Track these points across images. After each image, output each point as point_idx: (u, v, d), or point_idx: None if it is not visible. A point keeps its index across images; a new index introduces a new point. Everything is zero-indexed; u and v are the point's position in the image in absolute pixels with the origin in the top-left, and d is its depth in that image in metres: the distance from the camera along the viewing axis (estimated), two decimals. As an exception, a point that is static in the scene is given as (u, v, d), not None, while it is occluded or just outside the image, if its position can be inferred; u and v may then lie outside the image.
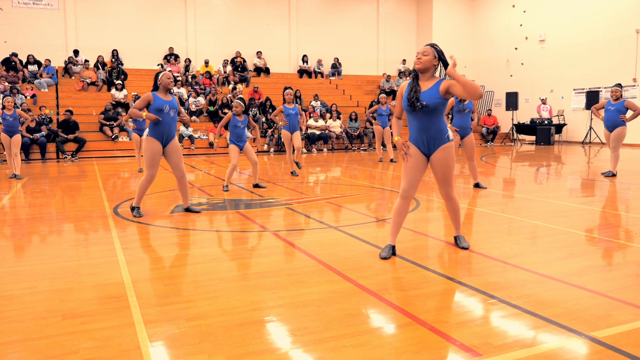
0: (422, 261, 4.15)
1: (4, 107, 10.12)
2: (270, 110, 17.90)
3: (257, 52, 21.43)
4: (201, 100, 18.04)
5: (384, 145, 14.24)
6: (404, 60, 24.04)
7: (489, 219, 5.85)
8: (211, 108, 17.89)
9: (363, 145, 17.82)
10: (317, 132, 17.28)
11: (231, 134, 7.99)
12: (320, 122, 17.63)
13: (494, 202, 7.02)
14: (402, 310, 3.12)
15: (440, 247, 4.62)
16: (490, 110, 20.69)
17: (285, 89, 9.54)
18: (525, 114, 21.01)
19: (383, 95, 12.72)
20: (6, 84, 16.36)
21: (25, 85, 17.09)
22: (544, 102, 19.89)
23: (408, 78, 23.00)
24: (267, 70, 21.48)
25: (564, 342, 2.69)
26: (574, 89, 19.69)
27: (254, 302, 3.28)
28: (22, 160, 13.72)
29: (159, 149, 6.03)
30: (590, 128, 18.61)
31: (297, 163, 10.13)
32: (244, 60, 20.83)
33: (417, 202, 6.87)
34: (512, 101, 20.32)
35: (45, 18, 18.76)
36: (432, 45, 4.25)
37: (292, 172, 10.16)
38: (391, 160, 12.62)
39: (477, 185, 8.26)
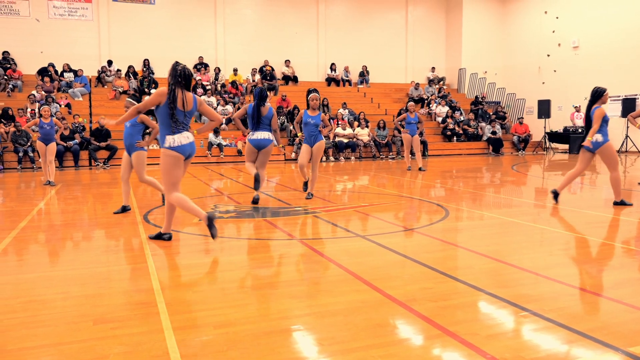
0: (451, 272, 4.10)
1: (41, 116, 10.43)
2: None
3: (286, 61, 21.61)
4: (229, 108, 18.25)
5: (412, 153, 14.14)
6: (433, 67, 23.89)
7: (520, 230, 5.74)
8: (239, 116, 18.11)
9: (391, 153, 17.74)
10: (345, 141, 17.29)
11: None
12: (348, 130, 17.63)
13: (526, 212, 6.89)
14: (431, 321, 3.09)
15: (470, 258, 4.56)
16: (522, 118, 20.37)
17: (310, 92, 7.68)
18: (558, 122, 20.61)
19: (412, 103, 12.67)
20: (42, 92, 16.87)
21: (60, 94, 17.59)
22: (577, 109, 19.48)
23: (437, 86, 22.85)
24: (295, 79, 21.62)
25: (600, 357, 2.62)
26: (609, 97, 19.23)
27: (281, 311, 3.29)
28: (56, 167, 14.09)
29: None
30: (627, 136, 18.13)
31: (305, 185, 8.17)
32: (272, 69, 21.02)
33: (447, 212, 6.80)
34: (544, 109, 19.96)
35: (80, 29, 19.31)
36: None
37: (304, 189, 8.26)
38: (420, 169, 12.53)
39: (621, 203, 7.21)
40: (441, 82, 23.33)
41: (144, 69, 19.51)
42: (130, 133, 6.93)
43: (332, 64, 22.24)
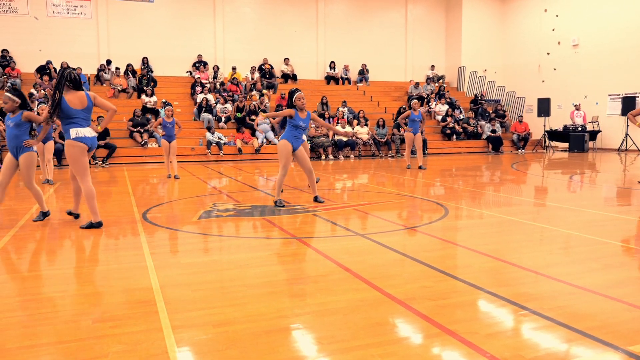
0: (451, 270, 4.10)
1: (38, 114, 10.42)
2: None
3: (285, 59, 21.60)
4: (228, 107, 18.24)
5: (413, 152, 14.13)
6: (433, 66, 23.90)
7: (520, 228, 5.74)
8: (238, 115, 18.06)
9: (390, 152, 17.74)
10: (344, 139, 17.29)
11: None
12: (348, 129, 17.62)
13: (525, 210, 6.89)
14: (430, 320, 3.09)
15: (470, 256, 4.56)
16: (521, 116, 20.38)
17: (293, 92, 7.24)
18: (558, 121, 20.62)
19: (415, 100, 12.62)
20: (42, 91, 16.85)
21: (59, 93, 17.56)
22: (577, 108, 19.49)
23: (437, 84, 22.85)
24: (294, 77, 21.61)
25: (600, 357, 2.62)
26: (609, 95, 19.24)
27: (280, 310, 3.29)
28: (54, 166, 14.08)
29: None
30: (627, 135, 18.14)
31: (316, 197, 7.59)
32: (272, 67, 21.01)
33: (446, 210, 6.80)
34: (544, 107, 19.97)
35: (79, 27, 19.29)
36: None
37: (315, 198, 7.65)
38: (420, 168, 12.52)
39: None
40: (440, 81, 23.32)
41: (143, 67, 19.51)
42: (15, 134, 6.06)
43: (332, 62, 22.23)
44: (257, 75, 20.55)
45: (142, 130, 16.25)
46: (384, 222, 6.14)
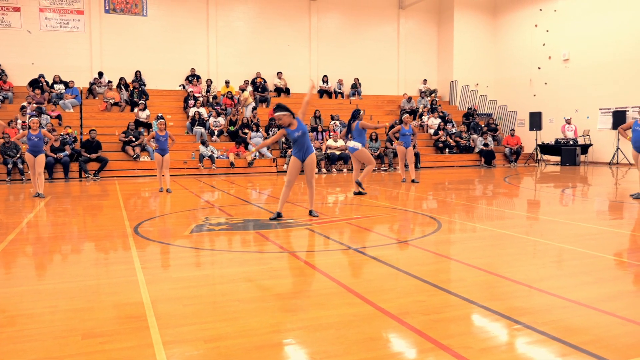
0: (444, 284, 4.09)
1: (29, 127, 10.38)
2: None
3: (278, 73, 21.69)
4: (221, 120, 18.26)
5: (406, 165, 14.18)
6: (425, 80, 24.07)
7: (513, 242, 5.75)
8: (231, 128, 18.09)
9: (383, 165, 17.78)
10: (337, 152, 17.32)
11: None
12: (340, 142, 17.67)
13: (518, 224, 6.91)
14: (424, 334, 3.07)
15: (463, 270, 4.55)
16: (513, 130, 20.53)
17: (276, 109, 7.26)
18: (549, 134, 20.78)
19: (407, 115, 12.73)
20: (34, 104, 16.80)
21: (51, 106, 17.51)
22: (568, 122, 19.66)
23: (429, 98, 23.02)
24: (287, 91, 21.68)
25: (594, 371, 2.61)
26: (600, 109, 19.43)
27: (273, 325, 3.26)
28: (45, 179, 14.00)
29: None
30: (618, 148, 18.30)
31: (311, 212, 7.55)
32: (265, 81, 21.08)
33: (439, 224, 6.81)
34: (535, 121, 20.13)
35: (72, 40, 19.29)
36: None
37: (310, 212, 7.67)
38: (412, 181, 12.56)
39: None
40: (433, 95, 23.49)
41: (135, 80, 19.49)
42: None
43: (324, 76, 22.34)
44: (250, 88, 20.60)
45: (134, 144, 16.21)
46: (378, 236, 6.14)
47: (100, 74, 19.20)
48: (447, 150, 19.61)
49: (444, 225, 6.76)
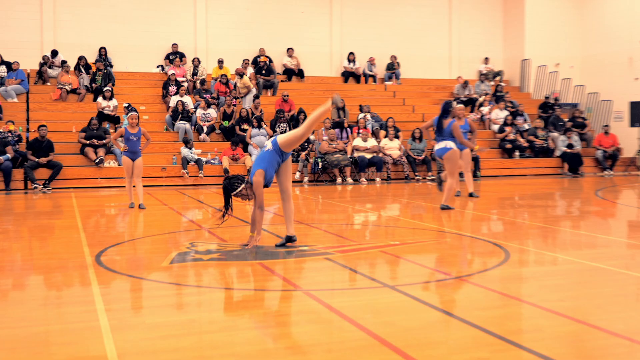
0: (514, 336, 4.04)
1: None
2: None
3: (288, 49, 21.78)
4: (212, 113, 18.35)
5: (460, 173, 14.09)
6: (487, 58, 23.97)
7: (608, 278, 5.68)
8: (225, 123, 18.15)
9: (430, 173, 17.72)
10: (368, 156, 17.32)
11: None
12: (372, 142, 17.67)
13: (616, 254, 6.82)
14: (486, 405, 3.03)
15: (539, 317, 4.50)
16: (607, 126, 20.29)
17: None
18: (657, 132, 20.50)
19: (460, 105, 12.62)
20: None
21: (-12, 94, 17.79)
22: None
23: (492, 82, 22.91)
24: (300, 73, 21.77)
25: None
26: None
27: (280, 388, 3.25)
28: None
29: None
30: None
31: (290, 237, 7.22)
32: (270, 60, 21.18)
33: (507, 253, 6.75)
34: (638, 114, 19.88)
35: (16, 8, 19.59)
36: None
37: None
38: (470, 195, 12.47)
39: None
40: (497, 78, 23.37)
41: (99, 60, 19.67)
42: None
43: (350, 53, 22.37)
44: (250, 70, 20.73)
45: (96, 144, 16.35)
46: (422, 269, 6.10)
47: (54, 53, 19.44)
48: (517, 153, 19.46)
49: (513, 255, 6.70)
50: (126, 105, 17.36)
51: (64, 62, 19.16)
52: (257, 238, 6.99)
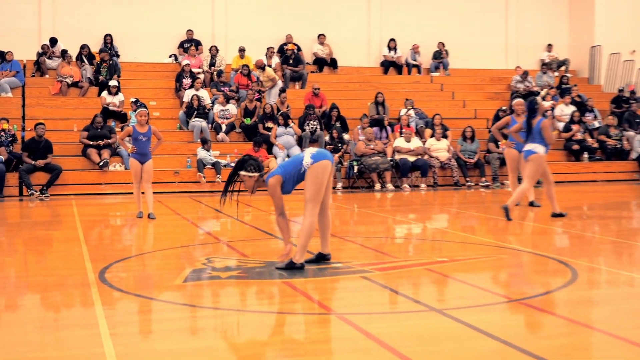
0: (583, 370, 3.99)
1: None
2: (339, 124, 17.99)
3: (319, 36, 21.79)
4: (232, 109, 18.38)
5: (520, 179, 13.96)
6: (550, 45, 23.73)
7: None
8: (247, 121, 18.17)
9: (484, 179, 17.58)
10: (411, 159, 17.24)
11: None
12: (416, 143, 17.58)
13: None
14: None
15: (613, 347, 4.45)
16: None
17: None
18: None
19: (519, 100, 12.51)
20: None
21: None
22: None
23: (557, 73, 22.67)
24: (333, 63, 21.75)
25: None
26: None
27: None
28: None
29: None
30: None
31: (323, 255, 7.19)
32: (299, 49, 21.20)
33: (574, 272, 6.67)
34: None
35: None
36: None
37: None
38: (531, 204, 12.34)
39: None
40: (562, 68, 23.12)
41: (104, 50, 19.81)
42: None
43: (391, 40, 22.32)
44: (275, 60, 20.74)
45: (101, 145, 16.46)
46: (474, 291, 6.06)
47: (53, 41, 19.64)
48: (585, 155, 19.22)
49: (581, 274, 6.62)
50: (134, 100, 17.42)
51: (64, 51, 19.27)
52: (286, 249, 6.86)
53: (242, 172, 6.88)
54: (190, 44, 20.61)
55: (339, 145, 17.11)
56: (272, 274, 6.75)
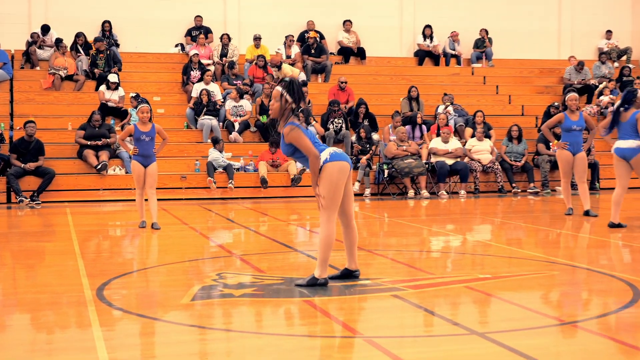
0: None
1: None
2: (367, 123, 17.95)
3: (345, 22, 21.81)
4: (246, 105, 18.42)
5: (574, 184, 13.89)
6: (609, 32, 23.58)
7: None
8: (263, 119, 18.19)
9: (532, 184, 17.50)
10: (450, 162, 17.20)
11: None
12: (455, 144, 17.54)
13: None
14: None
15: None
16: None
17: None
18: None
19: (573, 94, 12.41)
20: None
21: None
22: None
23: (617, 64, 22.52)
24: (360, 53, 21.77)
25: None
26: None
27: None
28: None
29: None
30: None
31: (350, 272, 7.13)
32: (321, 37, 21.23)
33: (636, 292, 6.62)
34: None
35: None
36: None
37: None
38: (587, 213, 12.26)
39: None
40: (624, 58, 22.98)
41: (102, 38, 19.90)
42: None
43: (427, 27, 22.29)
44: (295, 50, 20.77)
45: (99, 146, 16.52)
46: (521, 312, 6.05)
47: (45, 29, 19.76)
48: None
49: (643, 293, 6.58)
50: (134, 95, 17.42)
51: (58, 40, 19.35)
52: (315, 191, 6.64)
53: (284, 91, 6.70)
54: (199, 32, 20.68)
55: (367, 146, 17.08)
56: (292, 292, 6.76)
